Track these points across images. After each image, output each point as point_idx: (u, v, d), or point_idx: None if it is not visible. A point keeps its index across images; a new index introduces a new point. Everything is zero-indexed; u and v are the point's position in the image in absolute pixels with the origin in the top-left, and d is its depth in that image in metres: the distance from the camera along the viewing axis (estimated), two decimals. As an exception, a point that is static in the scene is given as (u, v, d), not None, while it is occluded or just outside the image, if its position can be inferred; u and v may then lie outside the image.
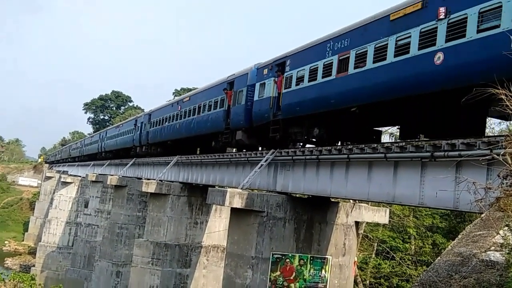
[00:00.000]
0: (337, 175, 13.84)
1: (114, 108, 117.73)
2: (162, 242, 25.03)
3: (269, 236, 15.64)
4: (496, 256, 4.62)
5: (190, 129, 24.75)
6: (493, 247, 4.76)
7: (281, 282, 15.63)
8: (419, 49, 10.88)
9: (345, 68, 13.34)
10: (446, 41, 10.21)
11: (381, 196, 12.40)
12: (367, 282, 33.84)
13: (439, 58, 10.32)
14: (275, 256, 15.60)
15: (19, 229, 79.56)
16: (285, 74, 16.42)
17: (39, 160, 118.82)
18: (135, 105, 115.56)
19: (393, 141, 12.31)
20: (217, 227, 26.21)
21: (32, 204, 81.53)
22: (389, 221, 24.20)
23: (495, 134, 11.55)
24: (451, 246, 5.38)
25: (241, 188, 16.07)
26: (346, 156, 12.99)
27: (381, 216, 19.03)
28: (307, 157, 14.70)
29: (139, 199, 32.53)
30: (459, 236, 5.60)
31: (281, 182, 16.38)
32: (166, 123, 28.47)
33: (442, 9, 10.39)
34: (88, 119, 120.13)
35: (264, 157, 16.56)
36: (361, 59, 12.71)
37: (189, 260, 25.23)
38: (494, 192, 6.15)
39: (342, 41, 13.77)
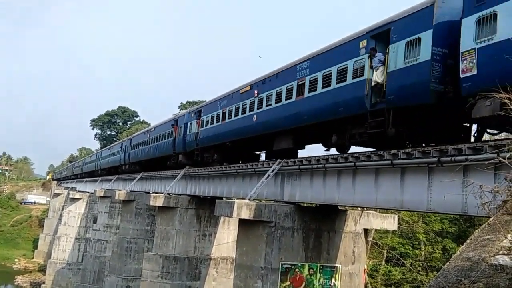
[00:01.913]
0: (344, 183, 13.85)
1: (121, 124, 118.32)
2: (171, 255, 25.02)
3: (278, 246, 15.61)
4: (505, 260, 4.61)
5: (154, 152, 32.57)
6: (501, 251, 4.75)
7: (291, 292, 15.56)
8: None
9: (225, 118, 21.54)
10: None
11: (389, 203, 12.39)
12: (378, 289, 33.62)
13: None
14: (285, 266, 15.55)
15: (28, 247, 79.74)
16: (201, 118, 24.59)
17: (47, 177, 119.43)
18: (141, 120, 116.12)
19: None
20: (225, 239, 26.18)
21: (42, 222, 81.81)
22: (398, 227, 24.10)
23: (502, 138, 11.46)
24: (459, 251, 5.37)
25: (249, 199, 16.09)
26: (352, 164, 13.00)
27: (390, 222, 18.94)
28: (314, 166, 14.73)
29: (147, 213, 32.57)
30: (468, 241, 5.59)
31: (288, 191, 16.40)
32: (140, 147, 36.76)
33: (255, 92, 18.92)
34: (96, 135, 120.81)
35: (270, 167, 16.60)
36: (227, 115, 21.36)
37: (198, 272, 25.19)
38: (501, 196, 6.14)
39: (225, 101, 22.08)
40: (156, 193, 27.78)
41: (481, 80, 9.47)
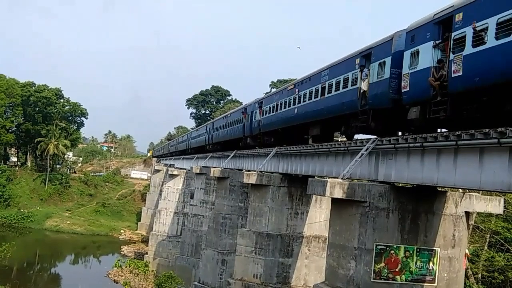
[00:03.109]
0: (444, 163, 13.11)
1: (214, 103, 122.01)
2: (264, 232, 25.55)
3: (372, 226, 15.25)
4: None
5: (230, 134, 38.00)
6: None
7: (386, 274, 15.21)
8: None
9: (277, 109, 26.27)
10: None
11: (495, 185, 11.53)
12: (479, 275, 31.90)
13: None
14: (379, 247, 15.20)
15: (132, 219, 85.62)
16: (262, 108, 29.35)
17: (148, 154, 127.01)
18: (233, 99, 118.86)
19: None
20: (317, 218, 26.18)
21: (144, 196, 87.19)
22: (504, 211, 22.51)
23: None
24: None
25: (342, 178, 15.86)
26: (454, 142, 12.25)
27: (495, 205, 17.71)
28: (411, 144, 14.09)
29: (240, 190, 33.42)
30: None
31: (383, 171, 15.89)
32: (220, 129, 41.91)
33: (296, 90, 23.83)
34: (191, 114, 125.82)
35: (364, 146, 16.17)
36: (279, 107, 26.22)
37: (290, 250, 25.51)
38: None
39: (278, 95, 27.52)
40: (249, 170, 28.37)
41: (411, 94, 14.29)
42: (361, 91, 16.97)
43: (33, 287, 49.66)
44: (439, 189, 15.89)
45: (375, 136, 16.42)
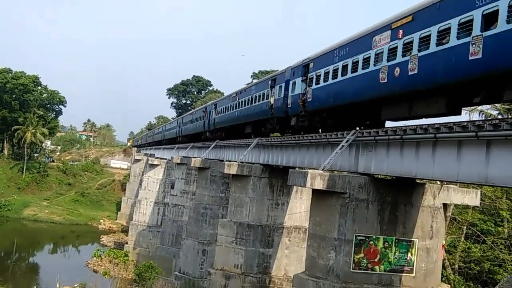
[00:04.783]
0: (423, 156, 13.29)
1: (195, 93, 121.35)
2: (245, 223, 25.63)
3: (352, 217, 15.43)
4: None
5: (191, 129, 44.45)
6: None
7: (365, 264, 15.43)
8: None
9: (231, 109, 31.47)
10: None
11: (472, 177, 11.75)
12: (456, 266, 32.52)
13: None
14: (359, 238, 15.40)
15: (112, 209, 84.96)
16: (217, 109, 35.48)
17: (128, 143, 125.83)
18: (215, 89, 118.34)
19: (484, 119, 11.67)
20: (298, 208, 26.34)
21: (124, 185, 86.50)
22: (480, 203, 22.96)
23: None
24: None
25: (322, 170, 15.96)
26: (433, 135, 12.42)
27: (472, 198, 18.08)
28: (391, 137, 14.24)
29: (221, 180, 33.40)
30: None
31: (363, 163, 16.04)
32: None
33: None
34: (172, 103, 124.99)
35: (345, 138, 16.28)
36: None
37: (271, 240, 25.65)
38: None
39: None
40: (230, 161, 28.34)
41: (292, 109, 21.59)
42: (271, 104, 24.22)
43: (10, 276, 48.96)
44: (418, 181, 16.13)
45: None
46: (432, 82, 12.65)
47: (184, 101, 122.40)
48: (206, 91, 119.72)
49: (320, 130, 20.11)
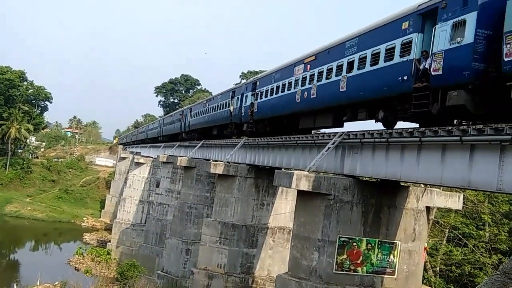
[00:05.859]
0: (408, 159, 13.41)
1: (184, 92, 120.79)
2: (230, 222, 25.60)
3: (336, 219, 15.50)
4: None
5: (170, 130, 49.99)
6: None
7: (347, 266, 15.50)
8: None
9: (202, 113, 37.12)
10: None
11: (456, 181, 11.89)
12: (437, 269, 32.88)
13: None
14: (342, 239, 15.46)
15: (96, 207, 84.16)
16: (191, 112, 40.46)
17: (114, 141, 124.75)
18: (203, 88, 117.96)
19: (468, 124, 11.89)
20: (283, 209, 26.39)
21: (108, 183, 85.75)
22: (462, 207, 23.23)
23: None
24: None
25: (308, 171, 16.01)
26: (418, 139, 12.53)
27: (454, 201, 18.28)
28: (376, 139, 14.34)
29: (207, 180, 33.32)
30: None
31: (348, 165, 16.14)
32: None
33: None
34: (159, 102, 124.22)
35: (331, 139, 16.36)
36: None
37: (255, 240, 25.66)
38: None
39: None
40: (216, 161, 28.30)
41: (244, 117, 26.54)
42: (230, 111, 28.75)
43: (-10, 273, 48.27)
44: (402, 184, 16.25)
45: (342, 130, 16.71)
46: (324, 104, 17.94)
47: (172, 100, 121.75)
48: (194, 90, 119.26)
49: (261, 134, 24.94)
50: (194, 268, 26.64)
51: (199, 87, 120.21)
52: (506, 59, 9.97)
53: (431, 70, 12.04)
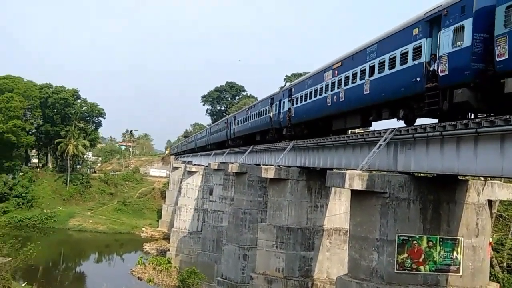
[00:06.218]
0: (465, 151, 12.96)
1: (229, 99, 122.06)
2: (285, 226, 25.58)
3: (393, 217, 15.18)
4: None
5: (217, 138, 52.81)
6: None
7: (409, 265, 15.14)
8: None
9: (245, 121, 39.52)
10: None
11: (517, 172, 11.38)
12: (504, 264, 31.50)
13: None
14: (401, 238, 15.13)
15: (153, 217, 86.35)
16: (235, 120, 42.60)
17: (166, 152, 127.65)
18: (248, 94, 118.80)
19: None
20: (337, 210, 26.10)
21: (163, 193, 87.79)
22: (527, 198, 22.13)
23: None
24: None
25: (360, 170, 15.79)
26: (474, 130, 12.11)
27: (518, 193, 17.46)
28: (430, 134, 13.96)
29: (259, 184, 33.49)
30: None
31: (402, 161, 15.78)
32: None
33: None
34: (207, 110, 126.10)
35: (382, 136, 16.06)
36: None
37: (312, 243, 25.49)
38: None
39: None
40: (266, 165, 28.38)
41: (283, 123, 28.43)
42: (270, 117, 30.59)
43: (59, 286, 50.52)
44: (460, 177, 15.73)
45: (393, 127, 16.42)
46: (351, 106, 19.43)
47: (218, 108, 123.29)
48: (240, 96, 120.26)
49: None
50: (253, 273, 26.78)
51: (244, 93, 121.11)
52: (498, 59, 11.39)
53: (439, 71, 13.44)
